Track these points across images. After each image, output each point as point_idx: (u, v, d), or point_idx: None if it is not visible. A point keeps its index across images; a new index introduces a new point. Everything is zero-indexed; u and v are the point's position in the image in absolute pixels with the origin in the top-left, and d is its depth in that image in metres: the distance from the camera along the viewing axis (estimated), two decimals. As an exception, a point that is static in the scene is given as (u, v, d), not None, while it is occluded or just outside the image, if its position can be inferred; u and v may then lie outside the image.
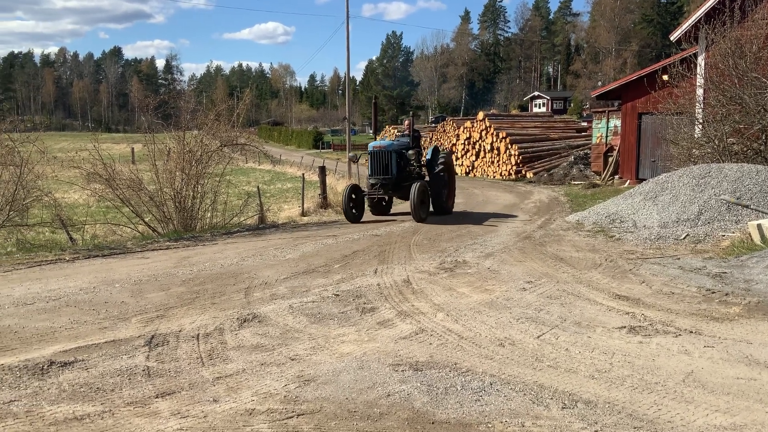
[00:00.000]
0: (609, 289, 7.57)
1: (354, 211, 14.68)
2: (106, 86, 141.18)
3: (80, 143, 20.87)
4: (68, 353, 5.37)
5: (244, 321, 6.35)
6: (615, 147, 24.06)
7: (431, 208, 14.93)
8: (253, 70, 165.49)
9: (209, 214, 14.52)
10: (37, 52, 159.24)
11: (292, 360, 5.21)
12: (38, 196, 12.56)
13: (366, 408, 4.24)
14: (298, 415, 4.11)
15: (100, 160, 13.01)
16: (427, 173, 15.41)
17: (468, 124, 32.45)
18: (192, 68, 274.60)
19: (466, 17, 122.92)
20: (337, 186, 25.45)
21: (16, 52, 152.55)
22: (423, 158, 15.69)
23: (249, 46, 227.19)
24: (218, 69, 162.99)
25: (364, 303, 7.04)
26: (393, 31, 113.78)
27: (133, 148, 32.89)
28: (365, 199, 15.18)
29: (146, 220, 13.72)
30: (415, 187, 13.90)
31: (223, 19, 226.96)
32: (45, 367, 5.04)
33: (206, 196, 14.44)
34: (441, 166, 15.08)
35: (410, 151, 14.85)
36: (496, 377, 4.78)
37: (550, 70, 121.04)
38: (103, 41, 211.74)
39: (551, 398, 4.41)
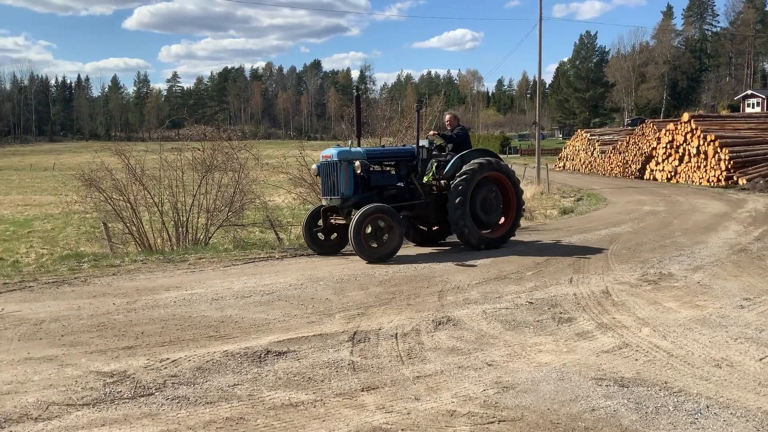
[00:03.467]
0: None
1: (321, 236, 11.04)
2: (307, 97, 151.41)
3: (284, 150, 22.62)
4: (282, 344, 5.81)
5: (439, 324, 6.46)
6: None
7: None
8: (441, 77, 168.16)
9: (401, 218, 14.95)
10: (247, 66, 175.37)
11: (489, 365, 5.21)
12: (251, 198, 13.78)
13: (569, 421, 4.12)
14: (499, 421, 4.09)
15: (305, 167, 13.95)
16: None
17: (670, 126, 30.30)
18: (384, 77, 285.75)
19: (668, 13, 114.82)
20: (525, 192, 25.01)
21: (229, 67, 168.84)
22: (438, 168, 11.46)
23: (437, 54, 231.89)
24: (408, 77, 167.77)
25: (560, 313, 6.85)
26: (587, 31, 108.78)
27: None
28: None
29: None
30: (358, 215, 9.89)
31: (414, 29, 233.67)
32: (262, 356, 5.49)
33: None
34: (461, 181, 10.69)
35: (356, 162, 10.40)
36: (713, 400, 4.41)
37: (766, 66, 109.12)
38: (304, 55, 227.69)
39: (781, 429, 3.97)
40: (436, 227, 11.88)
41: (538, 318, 6.65)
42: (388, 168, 11.26)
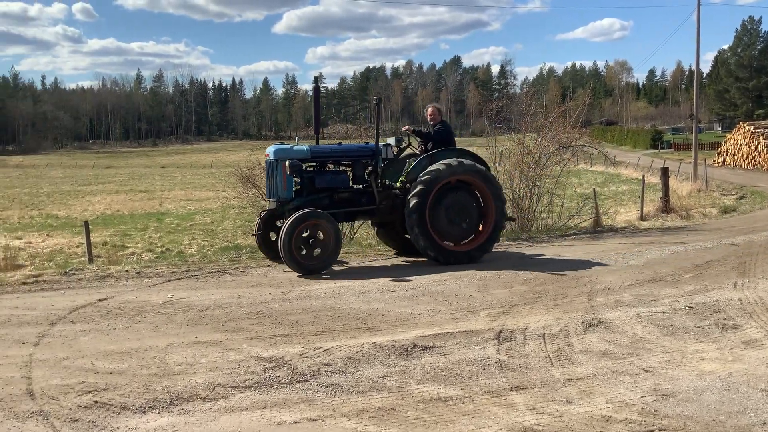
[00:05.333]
0: None
1: (273, 239, 9.73)
2: (446, 93, 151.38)
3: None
4: (427, 338, 5.88)
5: (589, 325, 6.25)
6: None
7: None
8: (586, 69, 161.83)
9: (545, 215, 14.60)
10: (388, 65, 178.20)
11: (646, 372, 4.96)
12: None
13: (738, 435, 3.84)
14: (660, 430, 3.89)
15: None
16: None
17: None
18: (525, 71, 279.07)
19: None
20: (681, 189, 23.57)
21: (370, 66, 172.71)
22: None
23: (582, 45, 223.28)
24: (551, 71, 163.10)
25: (724, 319, 6.38)
26: (750, 16, 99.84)
27: (469, 151, 34.67)
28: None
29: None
30: (288, 223, 8.89)
31: (557, 20, 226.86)
32: (409, 349, 5.59)
33: (542, 198, 14.55)
34: (418, 185, 9.37)
35: (286, 162, 9.27)
36: None
37: None
38: (443, 52, 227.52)
39: None
40: None
41: (699, 324, 6.24)
42: (344, 168, 10.08)
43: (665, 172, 18.76)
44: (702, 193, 24.27)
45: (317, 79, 10.40)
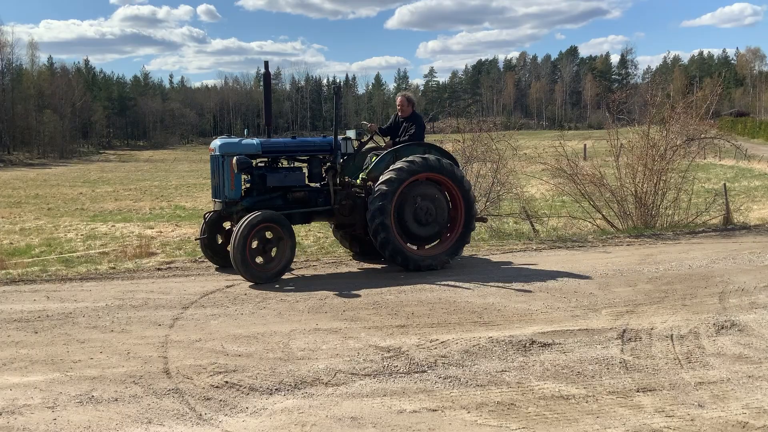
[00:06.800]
0: None
1: (220, 244, 9.07)
2: (561, 85, 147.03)
3: (535, 141, 22.31)
4: (546, 335, 5.76)
5: (722, 328, 5.90)
6: None
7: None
8: (714, 57, 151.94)
9: (670, 212, 13.88)
10: (501, 57, 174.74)
11: (787, 378, 4.62)
12: (509, 189, 13.82)
13: None
14: (805, 442, 3.63)
15: (565, 157, 13.63)
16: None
17: None
18: (646, 61, 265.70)
19: None
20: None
21: (482, 59, 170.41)
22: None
23: (710, 32, 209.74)
24: (675, 59, 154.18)
25: None
26: None
27: (585, 145, 33.64)
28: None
29: (603, 214, 13.85)
30: (240, 227, 7.96)
31: (683, 6, 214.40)
32: (527, 345, 5.51)
33: (668, 193, 13.84)
34: (381, 185, 8.55)
35: (233, 159, 8.38)
36: None
37: None
38: (559, 42, 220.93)
39: None
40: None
41: None
42: (298, 165, 9.32)
43: (806, 166, 17.32)
44: None
45: (267, 65, 9.44)
